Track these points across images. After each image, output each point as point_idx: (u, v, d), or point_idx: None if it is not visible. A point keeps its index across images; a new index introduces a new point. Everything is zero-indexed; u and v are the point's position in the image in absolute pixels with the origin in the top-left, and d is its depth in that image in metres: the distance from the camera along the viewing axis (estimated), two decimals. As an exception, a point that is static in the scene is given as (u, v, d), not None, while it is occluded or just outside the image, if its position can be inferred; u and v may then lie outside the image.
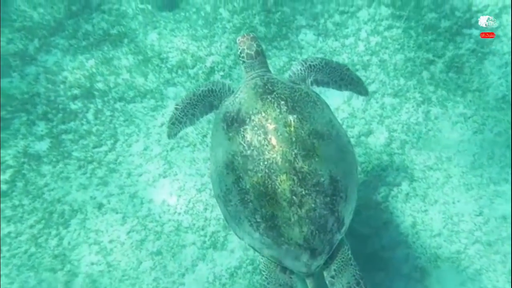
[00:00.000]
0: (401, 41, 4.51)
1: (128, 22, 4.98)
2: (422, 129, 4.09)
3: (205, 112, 3.01)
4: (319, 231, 2.39)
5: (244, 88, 2.67)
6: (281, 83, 2.63)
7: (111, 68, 4.64)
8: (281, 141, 2.39)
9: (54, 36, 4.79)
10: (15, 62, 4.58)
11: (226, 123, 2.59)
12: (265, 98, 2.51)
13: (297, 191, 2.33)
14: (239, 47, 2.84)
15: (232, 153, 2.48)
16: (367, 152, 4.11)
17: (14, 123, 4.24)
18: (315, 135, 2.45)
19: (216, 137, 2.67)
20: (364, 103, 4.34)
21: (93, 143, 4.20)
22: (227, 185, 2.51)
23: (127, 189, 4.03)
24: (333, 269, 2.53)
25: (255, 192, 2.38)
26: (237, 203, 2.47)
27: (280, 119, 2.44)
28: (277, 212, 2.35)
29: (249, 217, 2.43)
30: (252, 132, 2.43)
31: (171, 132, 3.12)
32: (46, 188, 3.96)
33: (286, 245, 2.40)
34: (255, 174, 2.37)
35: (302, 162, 2.36)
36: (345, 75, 3.05)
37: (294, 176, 2.34)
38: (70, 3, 5.02)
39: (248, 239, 2.52)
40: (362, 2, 4.72)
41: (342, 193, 2.47)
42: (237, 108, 2.57)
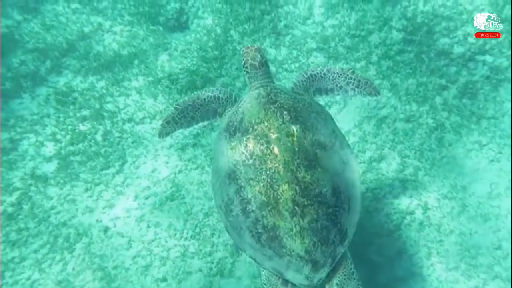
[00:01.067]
0: (413, 65, 4.46)
1: (139, 43, 5.00)
2: (435, 155, 3.99)
3: (207, 118, 2.93)
4: (321, 243, 2.33)
5: (247, 98, 2.66)
6: (284, 93, 2.61)
7: (121, 89, 4.64)
8: (283, 151, 2.36)
9: (66, 57, 4.82)
10: (26, 83, 4.59)
11: (229, 132, 2.57)
12: (268, 108, 2.49)
13: (299, 201, 2.29)
14: (243, 57, 2.84)
15: (234, 163, 2.45)
16: (379, 178, 4.00)
17: (22, 144, 4.22)
18: (318, 146, 2.43)
19: (219, 147, 2.64)
20: (376, 128, 4.26)
21: (101, 165, 4.16)
22: (229, 195, 2.47)
23: (133, 212, 3.95)
24: (335, 283, 2.46)
25: (256, 202, 2.34)
26: (238, 213, 2.42)
27: (282, 128, 2.42)
28: (278, 223, 2.31)
29: (251, 227, 2.39)
30: (254, 142, 2.42)
31: (163, 131, 2.95)
32: (52, 211, 3.90)
33: (287, 256, 2.35)
34: (257, 184, 2.34)
35: (305, 172, 2.33)
36: (351, 79, 2.95)
37: (296, 186, 2.31)
38: (82, 25, 5.07)
39: (249, 250, 2.47)
40: (373, 27, 4.69)
41: (345, 204, 2.43)
42: (240, 117, 2.56)
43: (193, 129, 4.36)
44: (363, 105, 4.39)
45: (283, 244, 2.33)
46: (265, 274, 2.54)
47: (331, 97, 4.48)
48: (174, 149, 4.28)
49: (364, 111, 4.36)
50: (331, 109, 4.44)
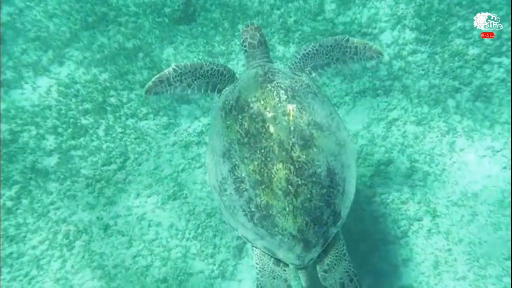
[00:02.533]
0: (426, 66, 4.31)
1: (145, 35, 4.85)
2: (446, 161, 3.86)
3: (204, 90, 2.76)
4: (314, 223, 2.31)
5: (245, 77, 2.61)
6: (282, 73, 2.55)
7: (125, 83, 4.51)
8: (279, 130, 2.32)
9: (69, 47, 4.68)
10: (28, 73, 4.46)
11: (225, 111, 2.52)
12: (265, 87, 2.45)
13: (293, 180, 2.26)
14: (242, 35, 2.79)
15: (229, 141, 2.42)
16: (387, 183, 3.89)
17: (23, 136, 4.11)
18: (314, 126, 2.38)
19: (214, 126, 2.58)
20: (385, 130, 4.13)
21: (102, 161, 4.05)
22: (223, 174, 2.43)
23: (135, 210, 3.86)
24: (326, 264, 2.45)
25: (250, 181, 2.31)
26: (232, 192, 2.39)
27: (279, 107, 2.37)
28: (272, 202, 2.28)
29: (244, 206, 2.36)
30: (250, 120, 2.37)
31: (153, 88, 2.68)
32: (52, 207, 3.81)
33: (279, 235, 2.33)
34: (251, 162, 2.31)
35: (300, 151, 2.29)
36: (347, 48, 2.75)
37: (291, 165, 2.27)
38: (86, 14, 4.92)
39: (241, 229, 2.44)
40: (386, 25, 4.53)
41: (340, 186, 2.39)
42: (236, 96, 2.51)
43: (197, 126, 4.24)
44: (372, 107, 4.26)
45: (276, 223, 2.31)
46: (257, 254, 2.50)
47: (340, 98, 4.35)
48: (178, 147, 4.17)
49: (373, 113, 4.23)
50: (340, 110, 4.30)
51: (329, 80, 4.45)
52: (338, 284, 2.42)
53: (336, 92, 4.39)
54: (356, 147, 4.07)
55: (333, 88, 4.41)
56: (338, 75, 4.46)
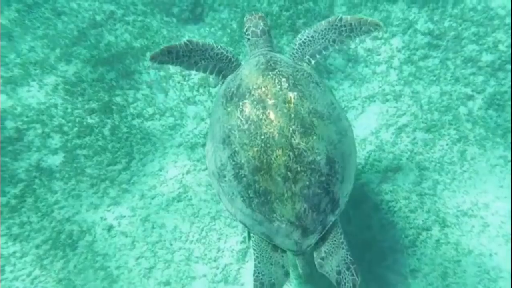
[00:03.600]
0: (437, 72, 4.22)
1: (152, 35, 4.81)
2: (456, 169, 3.78)
3: (210, 71, 2.75)
4: (312, 210, 2.31)
5: (247, 64, 2.60)
6: (284, 62, 2.55)
7: (131, 83, 4.47)
8: (279, 117, 2.31)
9: (76, 46, 4.65)
10: (35, 71, 4.43)
11: (226, 98, 2.51)
12: (267, 74, 2.44)
13: (292, 167, 2.26)
14: (245, 24, 2.77)
15: (229, 127, 2.41)
16: (395, 190, 3.81)
17: (28, 134, 4.08)
18: (315, 114, 2.37)
19: (215, 114, 2.58)
20: (394, 136, 4.05)
21: (107, 160, 4.02)
22: (222, 160, 2.43)
23: (138, 211, 3.82)
24: (324, 251, 2.44)
25: (249, 167, 2.31)
26: (231, 178, 2.39)
27: (280, 95, 2.37)
28: (270, 188, 2.28)
29: (242, 192, 2.36)
30: (251, 107, 2.37)
31: (160, 57, 2.64)
32: (56, 206, 3.77)
33: (277, 221, 2.33)
34: (250, 148, 2.30)
35: (300, 138, 2.29)
36: (341, 27, 2.68)
37: (290, 152, 2.27)
38: (95, 13, 4.89)
39: (240, 215, 2.44)
40: (397, 29, 4.45)
41: (339, 174, 2.39)
42: (238, 83, 2.50)
43: (203, 128, 4.19)
44: (381, 112, 4.18)
45: (274, 209, 2.31)
46: (255, 240, 2.50)
47: (348, 102, 4.27)
48: (183, 148, 4.12)
49: (382, 118, 4.15)
50: (348, 115, 4.23)
51: (337, 84, 4.38)
52: (335, 272, 2.42)
53: (344, 96, 4.32)
54: (364, 152, 4.00)
55: (342, 92, 4.34)
56: (347, 79, 4.39)
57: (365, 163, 3.99)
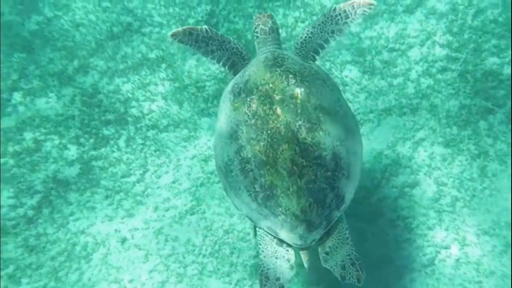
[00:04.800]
0: (456, 85, 4.09)
1: (168, 46, 4.80)
2: (477, 186, 3.64)
3: (223, 63, 2.77)
4: (317, 204, 2.32)
5: (254, 61, 2.63)
6: (291, 59, 2.56)
7: (147, 94, 4.46)
8: (286, 112, 2.33)
9: (94, 57, 4.68)
10: (53, 82, 4.48)
11: (233, 94, 2.53)
12: (274, 71, 2.45)
13: (298, 161, 2.27)
14: (254, 22, 2.80)
15: (236, 123, 2.42)
16: (412, 206, 3.69)
17: (46, 145, 4.11)
18: (321, 110, 2.38)
19: (222, 109, 2.60)
20: (411, 150, 3.93)
21: (122, 172, 4.01)
22: (229, 155, 2.44)
23: (152, 224, 3.79)
24: (328, 246, 2.45)
25: (256, 161, 2.32)
26: (237, 173, 2.40)
27: (287, 91, 2.38)
28: (276, 182, 2.29)
29: (248, 186, 2.37)
30: (258, 102, 2.38)
31: (179, 35, 2.67)
32: (71, 217, 3.78)
33: (283, 215, 2.33)
34: (257, 143, 2.32)
35: (306, 133, 2.30)
36: (337, 17, 2.69)
37: (296, 147, 2.28)
38: (112, 25, 4.92)
39: (246, 209, 2.46)
40: (414, 41, 4.33)
41: (344, 170, 2.39)
42: (246, 79, 2.52)
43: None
44: (398, 125, 4.07)
45: (279, 203, 2.31)
46: (260, 234, 2.51)
47: (364, 115, 4.17)
48: (197, 160, 4.08)
49: (399, 132, 4.04)
50: (363, 128, 4.13)
51: (353, 96, 4.29)
52: (339, 266, 2.42)
53: (360, 109, 4.22)
54: (380, 166, 3.90)
55: (357, 105, 4.25)
56: (363, 91, 4.29)
57: (381, 177, 3.88)
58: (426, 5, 4.42)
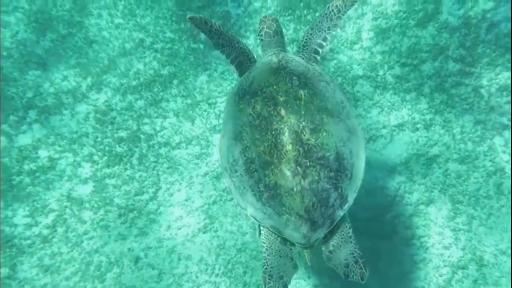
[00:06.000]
0: (470, 100, 3.99)
1: (180, 62, 4.78)
2: (493, 204, 3.53)
3: (230, 59, 2.82)
4: (320, 204, 2.33)
5: (259, 63, 2.66)
6: (295, 61, 2.59)
7: (159, 111, 4.44)
8: (290, 113, 2.35)
9: (107, 74, 4.67)
10: (67, 100, 4.48)
11: (238, 95, 2.56)
12: (278, 73, 2.48)
13: (301, 162, 2.29)
14: (259, 26, 2.84)
15: (241, 124, 2.45)
16: (427, 224, 3.60)
17: (60, 163, 4.11)
18: (325, 112, 2.40)
19: (228, 111, 2.64)
20: (425, 167, 3.84)
21: (135, 190, 3.98)
22: (234, 156, 2.46)
23: (165, 242, 3.75)
24: (332, 245, 2.46)
25: (260, 161, 2.34)
26: (242, 173, 2.42)
27: (291, 92, 2.41)
28: (280, 182, 2.30)
29: (253, 186, 2.39)
30: (262, 103, 2.41)
31: (196, 21, 2.73)
32: (85, 236, 3.76)
33: (287, 215, 2.34)
34: (261, 144, 2.34)
35: (309, 134, 2.32)
36: (331, 13, 2.81)
37: (300, 147, 2.30)
38: (124, 41, 4.92)
39: (250, 209, 2.46)
40: (427, 55, 4.24)
41: (348, 171, 2.41)
42: (250, 81, 2.55)
43: (230, 158, 4.10)
44: (411, 141, 3.98)
45: (283, 203, 2.32)
46: (264, 233, 2.53)
47: (376, 131, 4.09)
48: (209, 177, 4.04)
49: (412, 148, 3.95)
50: (376, 144, 4.05)
51: (365, 112, 4.21)
52: (343, 265, 2.42)
53: (372, 125, 4.14)
54: (393, 183, 3.81)
55: (369, 120, 4.17)
56: (375, 107, 4.21)
57: (395, 194, 3.80)
58: (439, 19, 4.33)
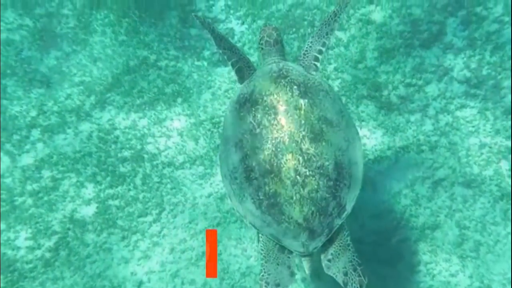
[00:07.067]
0: (476, 123, 3.91)
1: (183, 80, 4.71)
2: (501, 231, 3.44)
3: (231, 62, 2.80)
4: (319, 213, 2.33)
5: (260, 72, 2.66)
6: (296, 71, 2.60)
7: (163, 130, 4.36)
8: (290, 122, 2.36)
9: (110, 92, 4.60)
10: (71, 118, 4.41)
11: (239, 103, 2.56)
12: (279, 82, 2.49)
13: (301, 171, 2.29)
14: (260, 34, 2.86)
15: (242, 132, 2.45)
16: (433, 250, 3.51)
17: (63, 184, 4.03)
18: (324, 121, 2.41)
19: (228, 118, 2.64)
20: (431, 190, 3.76)
21: (138, 212, 3.89)
22: (234, 163, 2.46)
23: (168, 266, 3.66)
24: (331, 253, 2.46)
25: (260, 170, 2.34)
26: (242, 180, 2.41)
27: (291, 102, 2.41)
28: (280, 190, 2.31)
29: (252, 194, 2.38)
30: (263, 112, 2.41)
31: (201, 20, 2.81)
32: (88, 260, 3.67)
33: (286, 223, 2.35)
34: (262, 152, 2.34)
35: (309, 144, 2.33)
36: (329, 19, 2.84)
37: (300, 157, 2.31)
38: (128, 58, 4.85)
39: (249, 217, 2.46)
40: (432, 76, 4.17)
41: (346, 180, 2.41)
42: (251, 90, 2.55)
43: (234, 180, 4.02)
44: (416, 163, 3.90)
45: (283, 211, 2.33)
46: (263, 241, 2.52)
47: (381, 152, 4.02)
48: (213, 199, 3.96)
49: (417, 170, 3.87)
50: (380, 165, 3.97)
51: (370, 132, 4.14)
52: (342, 273, 2.42)
53: (377, 146, 4.06)
54: (399, 206, 3.72)
55: (375, 141, 4.09)
56: (380, 128, 4.13)
57: (401, 218, 3.71)
58: (443, 40, 4.27)
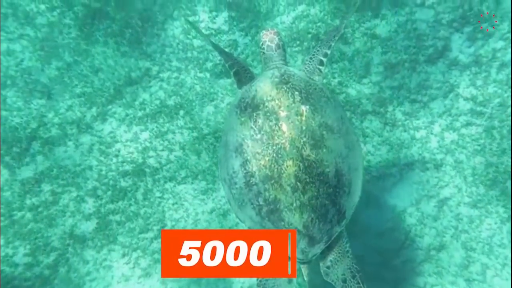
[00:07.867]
0: (482, 142, 3.83)
1: (186, 92, 4.62)
2: (508, 253, 3.35)
3: (228, 65, 2.77)
4: (319, 220, 2.32)
5: (261, 77, 2.63)
6: (297, 76, 2.57)
7: (165, 143, 4.27)
8: (291, 128, 2.34)
9: (112, 104, 4.50)
10: (72, 131, 4.31)
11: (240, 108, 2.52)
12: (280, 87, 2.46)
13: (301, 177, 2.28)
14: (261, 39, 2.82)
15: (242, 137, 2.43)
16: (439, 272, 3.42)
17: (63, 198, 3.92)
18: (325, 128, 2.39)
19: (229, 122, 2.61)
20: (436, 210, 3.67)
21: (139, 228, 3.80)
22: (234, 168, 2.43)
23: (169, 284, 3.56)
24: (329, 260, 2.46)
25: (260, 175, 2.32)
26: (242, 185, 2.39)
27: (292, 107, 2.39)
28: (280, 196, 2.29)
29: (252, 200, 2.36)
30: (264, 117, 2.39)
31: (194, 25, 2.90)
32: (87, 278, 3.57)
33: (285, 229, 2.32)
34: (262, 158, 2.32)
35: (310, 150, 2.31)
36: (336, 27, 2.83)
37: (300, 163, 2.28)
38: (130, 70, 4.75)
39: (249, 222, 2.44)
40: (437, 92, 4.09)
41: (346, 187, 2.39)
42: (252, 94, 2.51)
43: (237, 196, 3.93)
44: (421, 181, 3.82)
45: (282, 217, 2.31)
46: None
47: (386, 169, 3.93)
48: (215, 215, 3.86)
49: (422, 189, 3.78)
50: (385, 182, 3.89)
51: (374, 149, 4.05)
52: (340, 280, 2.41)
53: (382, 162, 3.97)
54: (403, 225, 3.63)
55: (379, 158, 4.00)
56: (384, 144, 4.05)
57: (406, 237, 3.62)
58: (448, 56, 4.18)
